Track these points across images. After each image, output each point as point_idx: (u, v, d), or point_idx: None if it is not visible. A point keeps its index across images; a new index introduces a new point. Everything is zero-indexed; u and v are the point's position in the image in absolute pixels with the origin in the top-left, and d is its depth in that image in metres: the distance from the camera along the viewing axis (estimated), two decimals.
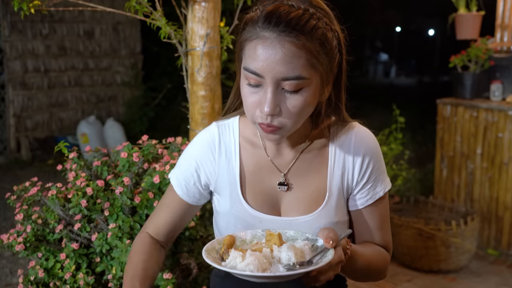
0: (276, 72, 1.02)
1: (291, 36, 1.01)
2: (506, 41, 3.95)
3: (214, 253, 1.04)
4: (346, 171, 1.20)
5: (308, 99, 1.06)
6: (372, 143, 1.21)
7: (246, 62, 1.06)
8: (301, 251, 1.01)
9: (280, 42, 1.01)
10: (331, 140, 1.21)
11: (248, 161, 1.21)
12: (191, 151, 1.26)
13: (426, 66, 16.08)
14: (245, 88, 1.08)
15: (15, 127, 6.35)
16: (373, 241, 1.24)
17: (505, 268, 3.51)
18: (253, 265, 0.96)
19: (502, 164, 3.64)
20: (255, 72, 1.04)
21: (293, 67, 1.02)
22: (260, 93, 1.06)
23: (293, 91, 1.04)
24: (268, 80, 1.03)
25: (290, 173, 1.20)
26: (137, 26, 7.25)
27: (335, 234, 1.01)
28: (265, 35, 1.02)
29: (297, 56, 1.01)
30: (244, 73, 1.07)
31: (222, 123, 1.26)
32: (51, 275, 1.61)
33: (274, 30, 1.02)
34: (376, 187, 1.21)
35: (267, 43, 1.02)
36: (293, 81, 1.03)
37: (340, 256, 1.01)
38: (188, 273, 1.76)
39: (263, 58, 1.02)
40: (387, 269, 1.27)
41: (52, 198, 1.65)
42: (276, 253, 1.01)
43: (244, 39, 1.07)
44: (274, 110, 1.04)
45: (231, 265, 0.99)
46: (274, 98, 1.04)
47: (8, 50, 6.21)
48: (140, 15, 1.93)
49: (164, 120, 7.09)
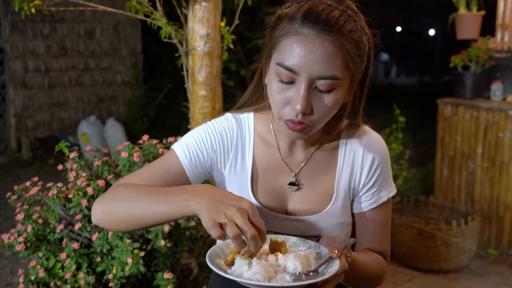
0: (312, 70, 1.01)
1: (330, 35, 1.00)
2: (506, 41, 3.95)
3: (218, 259, 1.02)
4: (354, 173, 1.20)
5: (338, 100, 1.06)
6: (382, 148, 1.22)
7: (280, 58, 1.04)
8: (306, 260, 1.01)
9: (319, 40, 1.00)
10: (342, 142, 1.21)
11: (260, 157, 1.21)
12: (208, 127, 1.20)
13: (426, 66, 16.08)
14: (275, 84, 1.07)
15: (15, 127, 6.35)
16: (372, 245, 1.25)
17: (505, 268, 3.51)
18: (260, 274, 0.95)
19: (503, 164, 3.64)
20: (291, 69, 1.02)
21: (330, 66, 1.01)
22: (291, 90, 1.04)
23: (325, 90, 1.04)
24: (302, 78, 1.02)
25: (300, 173, 1.20)
26: (138, 26, 7.25)
27: (339, 244, 1.01)
28: (304, 32, 1.02)
29: (334, 56, 1.01)
30: (277, 69, 1.05)
31: (238, 116, 1.24)
32: (52, 274, 1.61)
33: (314, 28, 1.01)
34: (381, 191, 1.22)
35: (306, 41, 1.01)
36: (328, 81, 1.02)
37: (344, 266, 1.01)
38: (189, 273, 1.76)
39: (301, 55, 1.01)
40: (383, 276, 1.27)
41: (53, 198, 1.65)
42: (282, 262, 1.00)
43: (279, 35, 1.05)
44: (306, 108, 1.03)
45: (236, 273, 0.97)
46: (308, 96, 1.03)
47: (8, 50, 6.22)
48: (140, 15, 1.93)
49: (165, 119, 7.09)
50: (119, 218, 1.08)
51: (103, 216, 1.10)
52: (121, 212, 1.07)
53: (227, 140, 1.20)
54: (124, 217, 1.07)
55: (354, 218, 1.25)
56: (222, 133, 1.20)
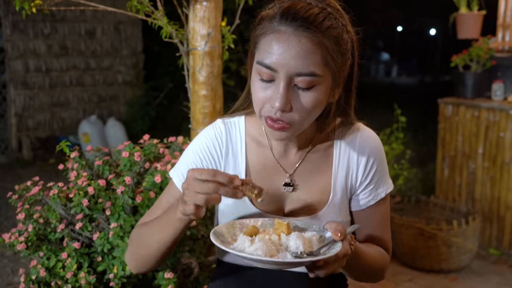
0: (290, 67, 1.01)
1: (308, 32, 1.01)
2: (507, 40, 3.95)
3: (222, 236, 1.05)
4: (350, 171, 1.20)
5: (319, 98, 1.05)
6: (377, 144, 1.22)
7: (260, 56, 1.05)
8: (309, 241, 1.02)
9: (296, 37, 1.01)
10: (336, 141, 1.21)
11: (254, 160, 1.21)
12: (196, 146, 1.24)
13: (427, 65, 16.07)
14: (256, 83, 1.07)
15: (16, 126, 6.35)
16: (373, 241, 1.25)
17: (506, 268, 3.51)
18: (261, 250, 0.97)
19: (504, 164, 3.64)
20: (269, 66, 1.03)
21: (308, 63, 1.01)
22: (271, 88, 1.05)
23: (305, 88, 1.03)
24: (281, 75, 1.02)
25: (295, 174, 1.20)
26: (139, 26, 7.26)
27: (343, 227, 1.01)
28: (282, 30, 1.02)
29: (312, 52, 1.01)
30: (257, 67, 1.06)
31: (228, 120, 1.25)
32: (53, 274, 1.61)
33: (291, 25, 1.01)
34: (378, 188, 1.22)
35: (283, 38, 1.02)
36: (306, 77, 1.02)
37: (346, 249, 1.01)
38: (190, 273, 1.76)
39: (278, 52, 1.02)
40: (386, 270, 1.27)
41: (54, 197, 1.65)
42: (284, 241, 1.02)
43: (259, 34, 1.06)
44: (285, 105, 1.03)
45: (239, 248, 1.00)
46: (286, 93, 1.03)
47: (9, 49, 6.22)
48: (141, 14, 1.93)
49: (166, 119, 7.09)
50: (144, 256, 1.21)
51: (134, 262, 1.24)
52: (142, 251, 1.21)
53: (215, 150, 1.21)
54: (145, 253, 1.20)
55: (352, 216, 1.24)
56: (209, 145, 1.22)
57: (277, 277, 1.21)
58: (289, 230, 1.05)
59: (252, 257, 0.95)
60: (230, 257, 1.25)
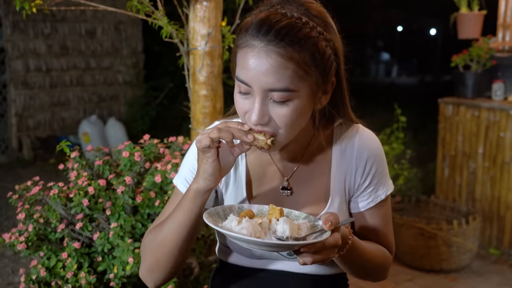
0: (262, 83, 1.01)
1: (278, 46, 0.99)
2: (508, 40, 3.94)
3: (215, 217, 1.06)
4: (349, 174, 1.19)
5: (297, 111, 1.04)
6: (376, 146, 1.20)
7: (237, 69, 1.06)
8: (298, 227, 1.02)
9: (266, 53, 1.00)
10: (334, 143, 1.20)
11: (253, 163, 1.21)
12: (196, 150, 1.23)
13: (427, 65, 16.07)
14: (236, 95, 1.08)
15: (17, 126, 6.36)
16: (376, 242, 1.24)
17: (506, 267, 3.51)
18: (246, 230, 0.98)
19: (504, 164, 3.64)
20: (244, 82, 1.03)
21: (279, 78, 1.00)
22: (250, 100, 1.05)
23: (280, 101, 1.02)
24: (255, 90, 1.02)
25: (293, 178, 1.20)
26: (139, 26, 7.26)
27: (335, 218, 1.00)
28: (254, 44, 1.01)
29: (283, 68, 1.00)
30: (236, 80, 1.07)
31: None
32: (53, 274, 1.61)
33: (262, 39, 1.00)
34: (378, 190, 1.21)
35: (254, 52, 1.01)
36: (281, 93, 1.01)
37: (336, 240, 1.00)
38: (190, 273, 1.77)
39: (251, 67, 1.01)
40: (388, 269, 1.26)
41: (54, 197, 1.65)
42: (273, 225, 1.03)
43: (237, 45, 1.06)
44: (261, 119, 1.03)
45: (226, 227, 1.02)
46: (262, 108, 1.03)
47: (10, 49, 6.22)
48: (141, 14, 1.93)
49: (166, 119, 7.09)
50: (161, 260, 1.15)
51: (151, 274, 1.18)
52: (158, 253, 1.15)
53: None
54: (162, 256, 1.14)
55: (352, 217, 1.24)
56: None
57: (278, 278, 1.20)
58: (281, 215, 1.06)
59: (234, 235, 0.96)
60: (231, 257, 1.25)
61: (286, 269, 1.21)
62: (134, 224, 1.65)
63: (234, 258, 1.24)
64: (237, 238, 0.97)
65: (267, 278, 1.21)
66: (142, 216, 1.69)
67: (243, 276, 1.23)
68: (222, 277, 1.30)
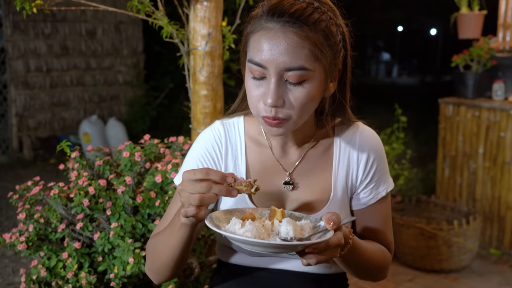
0: (279, 63, 1.02)
1: (294, 26, 1.02)
2: (508, 40, 3.94)
3: (217, 221, 1.06)
4: (351, 170, 1.20)
5: (311, 92, 1.06)
6: (377, 143, 1.22)
7: (250, 54, 1.07)
8: (301, 228, 1.02)
9: (283, 33, 1.02)
10: (336, 140, 1.21)
11: (253, 160, 1.21)
12: (196, 150, 1.24)
13: (428, 65, 16.08)
14: (249, 81, 1.08)
15: (17, 126, 6.36)
16: (375, 240, 1.24)
17: (507, 267, 3.51)
18: (250, 232, 0.98)
19: (504, 164, 3.64)
20: (259, 64, 1.04)
21: (296, 57, 1.02)
22: (264, 85, 1.06)
23: (296, 83, 1.04)
24: (271, 71, 1.03)
25: (295, 173, 1.20)
26: (139, 26, 7.26)
27: (337, 217, 1.01)
28: (269, 26, 1.03)
29: (300, 47, 1.02)
30: (249, 66, 1.07)
31: (227, 121, 1.25)
32: (53, 274, 1.61)
33: (278, 21, 1.02)
34: (379, 187, 1.22)
35: (270, 34, 1.03)
36: (296, 72, 1.03)
37: (339, 239, 1.00)
38: (190, 273, 1.77)
39: (267, 49, 1.03)
40: (388, 268, 1.26)
41: (54, 197, 1.65)
42: (276, 227, 1.03)
43: (249, 32, 1.08)
44: (277, 101, 1.04)
45: (229, 230, 1.01)
46: (277, 89, 1.04)
47: (10, 49, 6.22)
48: (142, 14, 1.93)
49: (166, 119, 7.09)
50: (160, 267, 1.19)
51: (153, 274, 1.23)
52: (157, 261, 1.19)
53: (215, 153, 1.22)
54: (160, 263, 1.18)
55: (353, 215, 1.24)
56: (209, 149, 1.22)
57: (278, 277, 1.21)
58: (283, 217, 1.06)
59: (239, 238, 0.96)
60: (231, 257, 1.25)
61: (287, 268, 1.21)
62: (134, 224, 1.65)
63: (234, 258, 1.24)
64: (242, 240, 0.96)
65: (268, 277, 1.21)
66: (142, 216, 1.69)
67: (243, 275, 1.23)
68: (222, 277, 1.30)
